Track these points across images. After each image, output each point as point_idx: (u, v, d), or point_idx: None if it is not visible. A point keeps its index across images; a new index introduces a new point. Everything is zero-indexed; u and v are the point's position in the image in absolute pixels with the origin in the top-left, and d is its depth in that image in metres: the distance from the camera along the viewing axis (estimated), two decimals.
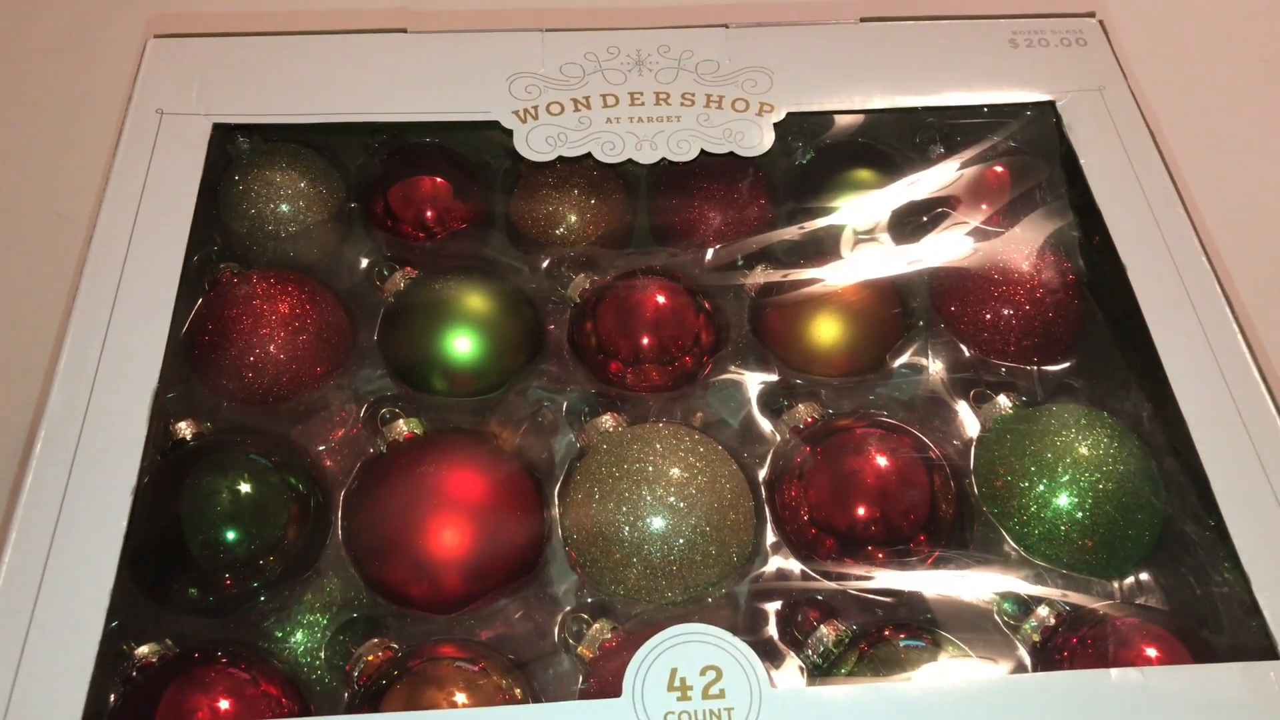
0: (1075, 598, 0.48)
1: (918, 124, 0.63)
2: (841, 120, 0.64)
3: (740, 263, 0.61)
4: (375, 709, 0.43)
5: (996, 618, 0.48)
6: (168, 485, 0.48)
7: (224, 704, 0.43)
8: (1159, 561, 0.50)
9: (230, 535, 0.48)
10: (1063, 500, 0.49)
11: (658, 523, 0.48)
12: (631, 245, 0.63)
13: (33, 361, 0.63)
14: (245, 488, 0.49)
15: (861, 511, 0.49)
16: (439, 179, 0.62)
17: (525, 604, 0.50)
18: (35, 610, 0.42)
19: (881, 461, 0.50)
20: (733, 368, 0.57)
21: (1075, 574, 0.50)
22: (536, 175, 0.62)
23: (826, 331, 0.56)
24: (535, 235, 0.62)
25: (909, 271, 0.58)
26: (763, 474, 0.53)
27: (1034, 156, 0.61)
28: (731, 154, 0.57)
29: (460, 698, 0.43)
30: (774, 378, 0.57)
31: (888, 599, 0.49)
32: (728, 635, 0.42)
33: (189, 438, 0.51)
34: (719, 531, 0.48)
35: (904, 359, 0.57)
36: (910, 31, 0.62)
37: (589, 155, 0.56)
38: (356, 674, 0.46)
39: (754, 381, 0.57)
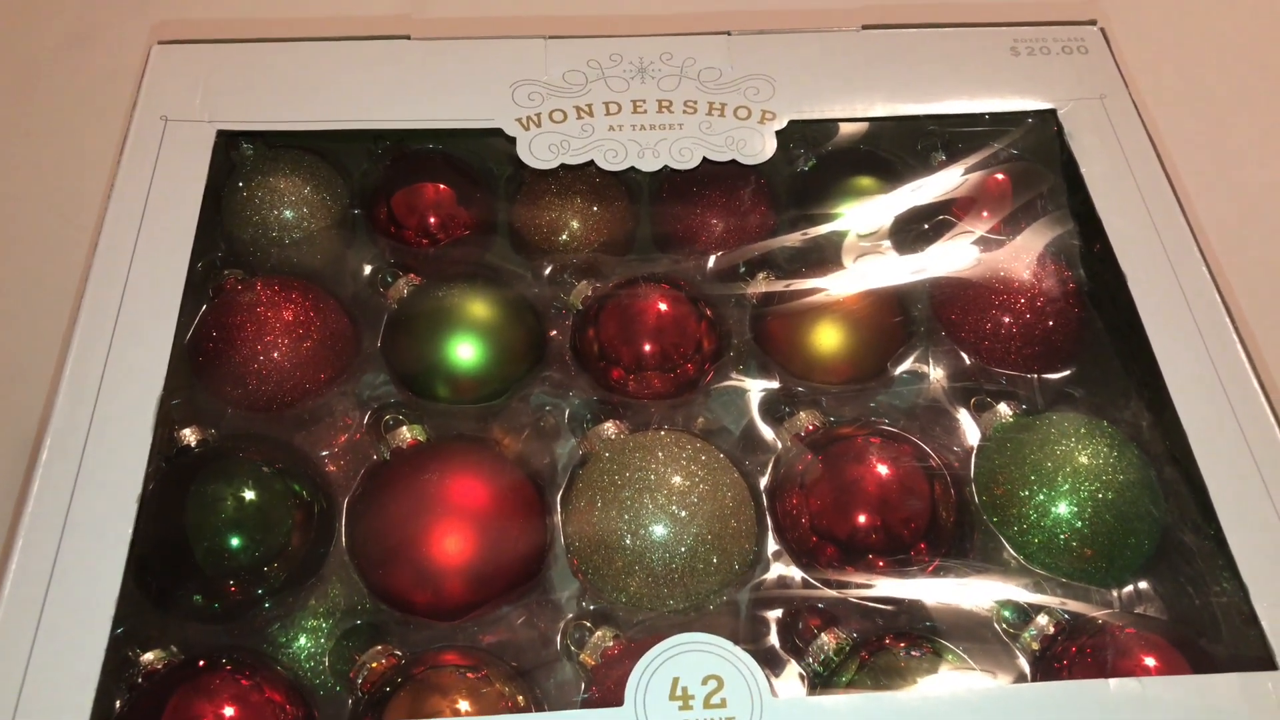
0: (1074, 606, 0.49)
1: (919, 131, 0.64)
2: (843, 128, 0.64)
3: (742, 270, 0.61)
4: (379, 716, 0.44)
5: (996, 626, 0.48)
6: (172, 492, 0.48)
7: (229, 711, 0.43)
8: (1158, 571, 0.50)
9: (234, 542, 0.48)
10: (1062, 509, 0.49)
11: (659, 531, 0.48)
12: (633, 252, 0.64)
13: (38, 368, 0.63)
14: (249, 495, 0.49)
15: (862, 519, 0.49)
16: (442, 186, 0.62)
17: (527, 611, 0.50)
18: (42, 617, 0.42)
19: (882, 470, 0.50)
20: (734, 375, 0.58)
21: (1074, 583, 0.50)
22: (539, 182, 0.62)
23: (828, 339, 0.56)
24: (538, 242, 0.62)
25: (910, 280, 0.58)
26: (764, 482, 0.53)
27: (1035, 164, 0.61)
28: (734, 161, 0.57)
29: (463, 705, 0.43)
30: (775, 385, 0.57)
31: (888, 607, 0.49)
32: (729, 644, 0.42)
33: (193, 445, 0.51)
34: (720, 539, 0.49)
35: (905, 367, 0.58)
36: (912, 39, 0.62)
37: (591, 163, 0.57)
38: (360, 681, 0.46)
39: (755, 389, 0.57)
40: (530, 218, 0.62)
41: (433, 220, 0.61)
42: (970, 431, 0.55)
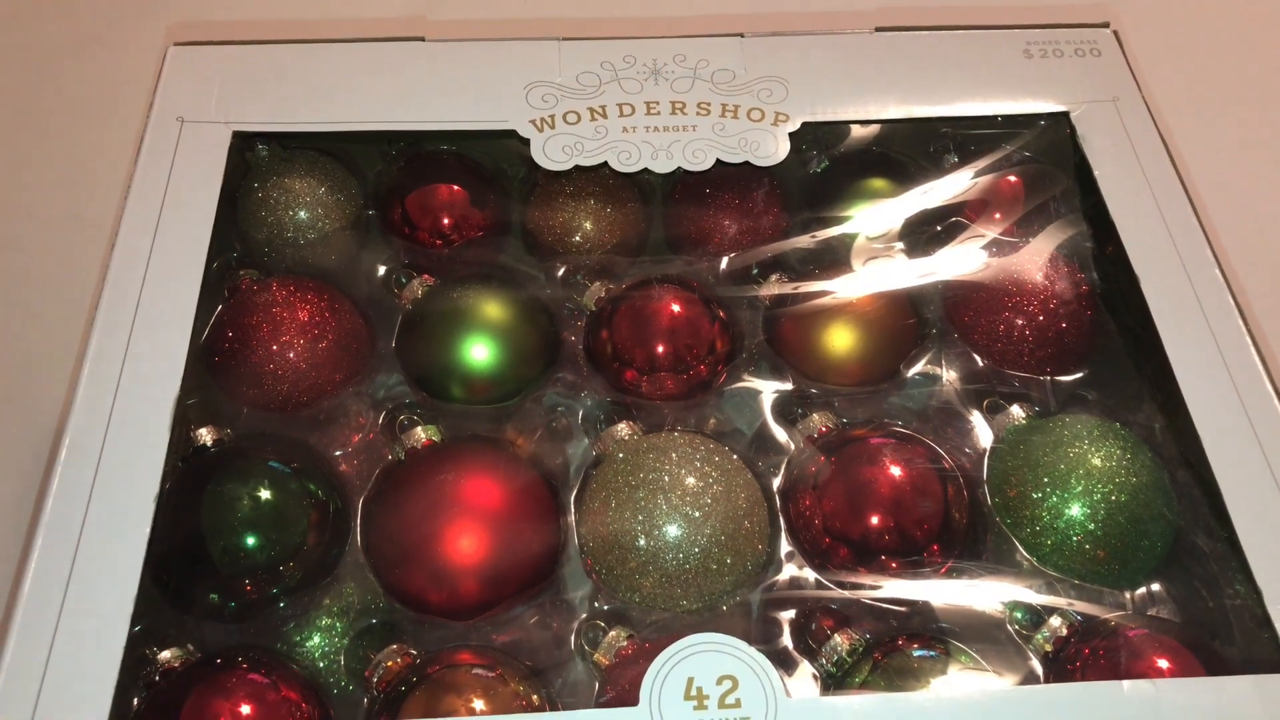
0: (1087, 608, 0.49)
1: (932, 134, 0.64)
2: (856, 130, 0.64)
3: (755, 272, 0.61)
4: (394, 715, 0.44)
5: (1009, 627, 0.49)
6: (189, 492, 0.48)
7: (245, 709, 0.44)
8: (1171, 573, 0.50)
9: (250, 541, 0.48)
10: (1075, 511, 0.49)
11: (673, 531, 0.48)
12: (647, 254, 0.64)
13: (56, 369, 0.64)
14: (265, 494, 0.49)
15: (875, 521, 0.50)
16: (456, 187, 0.62)
17: (541, 611, 0.51)
18: (61, 615, 0.42)
19: (895, 471, 0.50)
20: (747, 376, 0.58)
21: (1087, 585, 0.50)
22: (552, 184, 0.62)
23: (841, 341, 0.56)
24: (551, 243, 0.62)
25: (923, 282, 0.58)
26: (777, 483, 0.53)
27: (1048, 166, 0.61)
28: (747, 163, 0.57)
29: (478, 704, 0.44)
30: (788, 387, 0.57)
31: (901, 608, 0.49)
32: (744, 645, 0.42)
33: (209, 444, 0.51)
34: (734, 540, 0.49)
35: (918, 369, 0.58)
36: (925, 41, 0.62)
37: (605, 164, 0.57)
38: (376, 680, 0.47)
39: (768, 390, 0.57)
40: (544, 219, 0.62)
41: (447, 221, 0.61)
42: (983, 433, 0.55)
